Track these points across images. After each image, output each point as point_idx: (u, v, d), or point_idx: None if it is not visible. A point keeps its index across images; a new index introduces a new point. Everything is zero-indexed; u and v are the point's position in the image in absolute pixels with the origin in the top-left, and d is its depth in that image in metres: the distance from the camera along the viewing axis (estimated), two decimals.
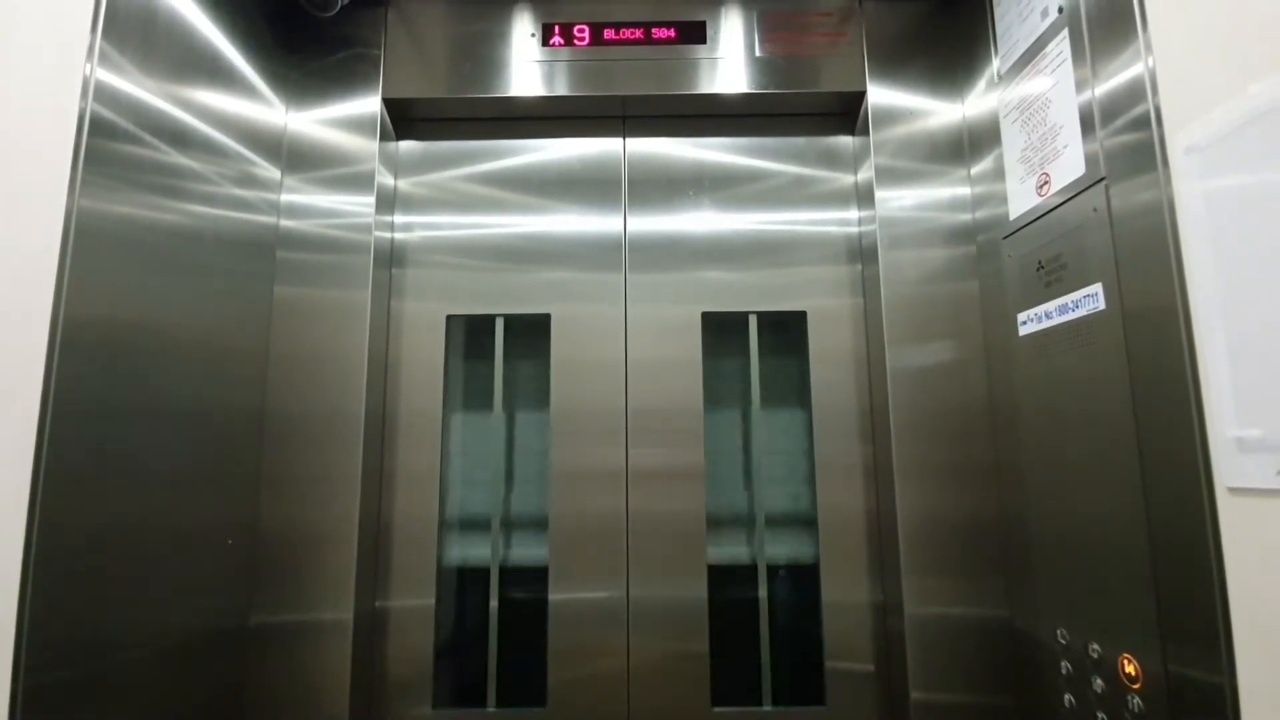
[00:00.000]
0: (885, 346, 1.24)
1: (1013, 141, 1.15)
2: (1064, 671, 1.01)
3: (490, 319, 1.39)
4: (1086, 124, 0.97)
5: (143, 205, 0.94)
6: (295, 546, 1.19)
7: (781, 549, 1.36)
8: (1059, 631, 1.02)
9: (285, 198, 1.30)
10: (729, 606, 1.32)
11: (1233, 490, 0.72)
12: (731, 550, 1.35)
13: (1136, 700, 0.86)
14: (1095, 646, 0.94)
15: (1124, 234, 0.89)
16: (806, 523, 1.35)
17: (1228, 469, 0.73)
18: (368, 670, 1.25)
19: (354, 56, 1.35)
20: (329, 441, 1.22)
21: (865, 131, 1.33)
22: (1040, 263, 1.06)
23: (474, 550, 1.36)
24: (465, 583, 1.35)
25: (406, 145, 1.44)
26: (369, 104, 1.33)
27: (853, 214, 1.40)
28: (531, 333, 1.39)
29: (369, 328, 1.26)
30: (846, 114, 1.41)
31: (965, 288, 1.25)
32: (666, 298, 1.37)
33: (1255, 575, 0.70)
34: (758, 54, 1.36)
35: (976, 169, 1.27)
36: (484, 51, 1.37)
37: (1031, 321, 1.09)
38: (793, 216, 1.41)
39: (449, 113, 1.42)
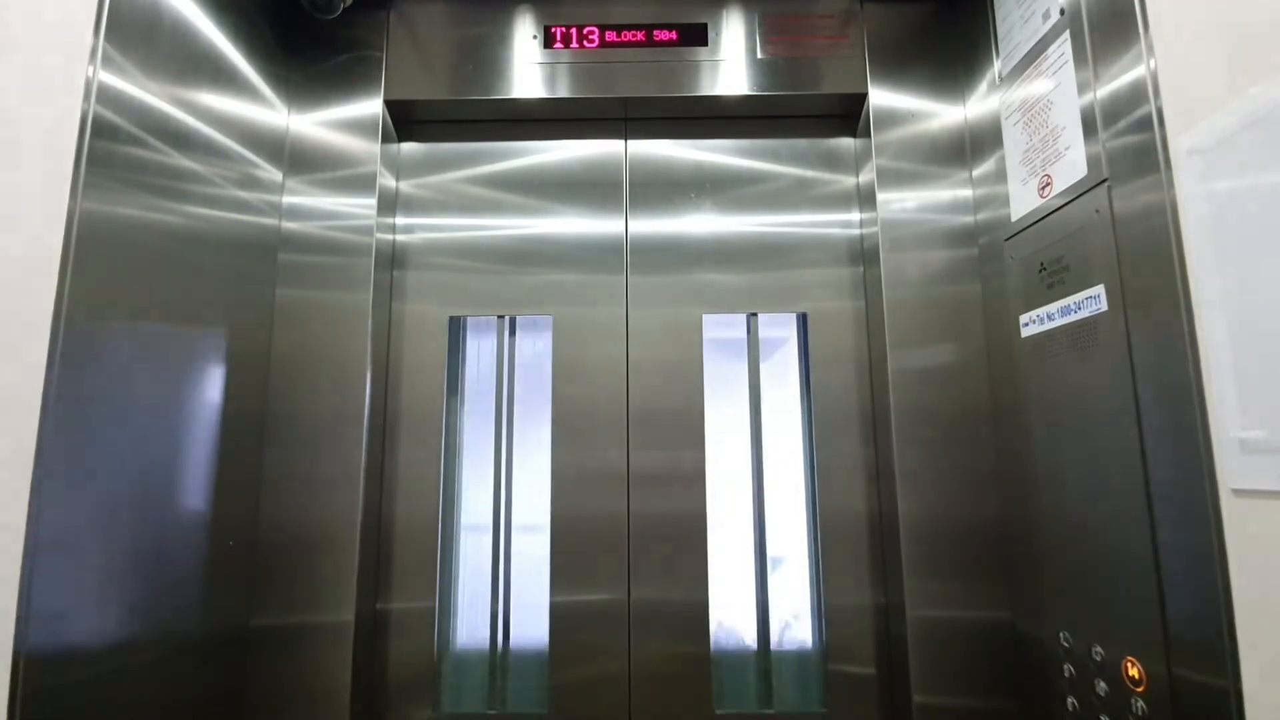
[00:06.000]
0: (887, 348, 1.23)
1: (1014, 143, 1.15)
2: (1067, 674, 1.00)
3: (492, 321, 1.39)
4: (1088, 126, 0.97)
5: (145, 207, 0.94)
6: (296, 548, 1.19)
7: (783, 552, 1.35)
8: (1062, 634, 1.02)
9: (287, 200, 1.30)
10: (731, 609, 1.32)
11: (1237, 492, 0.72)
12: (733, 552, 1.35)
13: (1140, 703, 0.86)
14: (1098, 649, 0.94)
15: (1126, 235, 0.89)
16: (808, 525, 1.35)
17: (1232, 470, 0.72)
18: (368, 673, 1.24)
19: (356, 59, 1.35)
20: (331, 443, 1.22)
21: (867, 133, 1.33)
22: (1042, 264, 1.06)
23: (475, 552, 1.35)
24: (466, 585, 1.35)
25: (408, 147, 1.44)
26: (371, 106, 1.33)
27: (854, 216, 1.40)
28: (533, 334, 1.39)
29: (371, 329, 1.26)
30: (848, 116, 1.42)
31: (967, 290, 1.25)
32: (668, 299, 1.37)
33: (1259, 577, 0.70)
34: (759, 56, 1.36)
35: (978, 171, 1.27)
36: (486, 54, 1.37)
37: (1034, 323, 1.08)
38: (794, 218, 1.41)
39: (451, 115, 1.42)
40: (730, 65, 1.36)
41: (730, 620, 1.32)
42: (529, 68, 1.37)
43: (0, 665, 0.73)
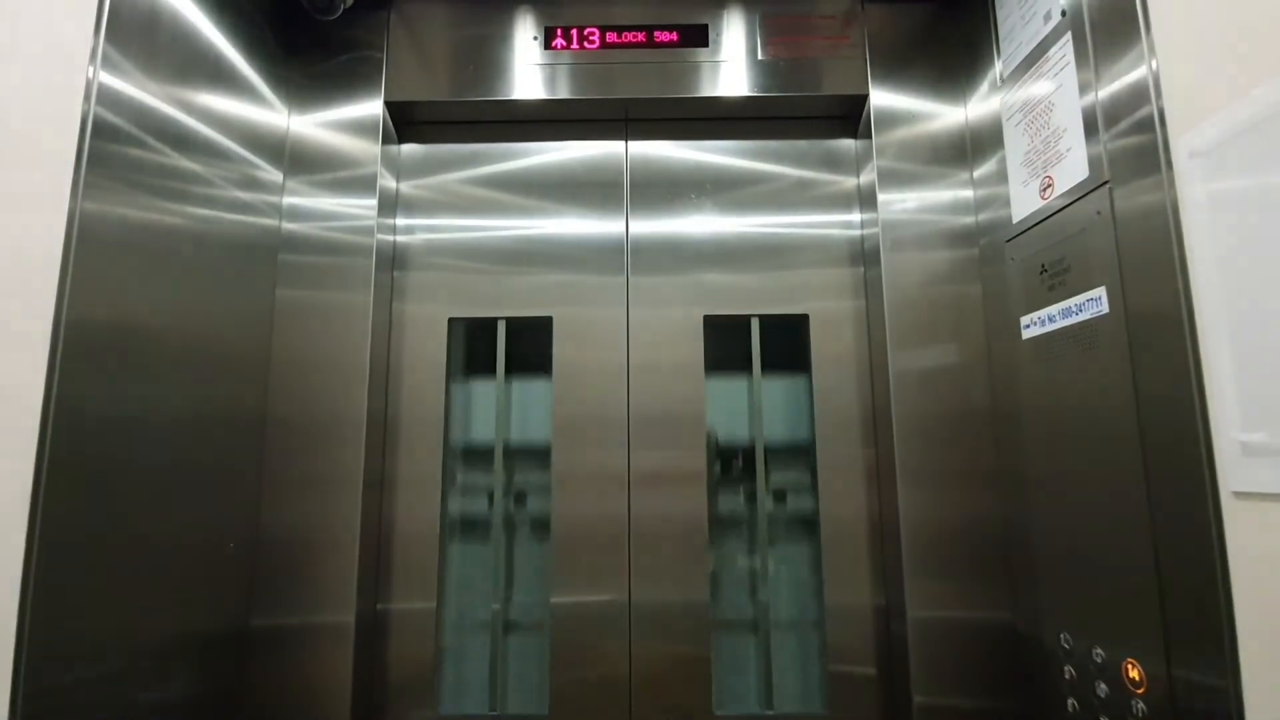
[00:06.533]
0: (888, 349, 1.23)
1: (1015, 144, 1.15)
2: (1067, 676, 1.00)
3: (492, 322, 1.39)
4: (1090, 127, 0.96)
5: (145, 208, 0.94)
6: (297, 550, 1.19)
7: (784, 552, 1.35)
8: (1062, 635, 1.02)
9: (287, 200, 1.30)
10: (731, 610, 1.32)
11: (1238, 494, 0.72)
12: (733, 553, 1.35)
13: (1140, 705, 0.86)
14: (1099, 651, 0.94)
15: (1128, 237, 0.89)
16: (809, 526, 1.35)
17: (1233, 473, 0.72)
18: (369, 674, 1.24)
19: (356, 59, 1.35)
20: (331, 444, 1.22)
21: (867, 134, 1.33)
22: (1043, 266, 1.06)
23: (476, 553, 1.35)
24: (467, 586, 1.35)
25: (409, 148, 1.44)
26: (371, 107, 1.33)
27: (855, 217, 1.40)
28: (533, 335, 1.39)
29: (371, 331, 1.26)
30: (849, 117, 1.41)
31: (968, 291, 1.25)
32: (668, 300, 1.37)
33: (1260, 579, 0.70)
34: (760, 57, 1.36)
35: (979, 172, 1.27)
36: (486, 54, 1.37)
37: (1035, 325, 1.08)
38: (795, 219, 1.41)
39: (451, 116, 1.42)
40: (731, 66, 1.36)
41: (731, 621, 1.32)
42: (529, 69, 1.36)
43: (1, 664, 0.73)
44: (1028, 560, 1.11)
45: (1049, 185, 1.05)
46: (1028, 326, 1.10)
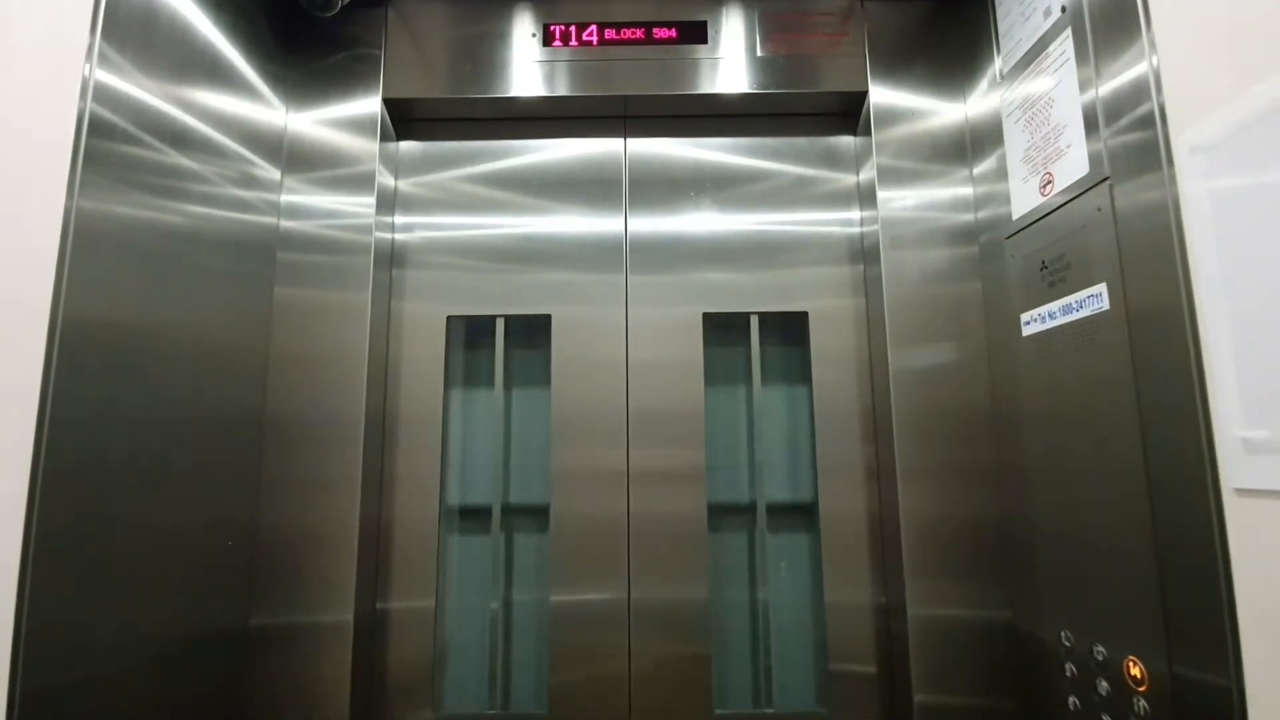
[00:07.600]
0: (887, 347, 1.23)
1: (1015, 141, 1.15)
2: (1068, 674, 1.00)
3: (491, 320, 1.39)
4: (1090, 123, 0.96)
5: (142, 206, 0.94)
6: (295, 548, 1.19)
7: (783, 550, 1.35)
8: (1063, 633, 1.02)
9: (285, 198, 1.29)
10: (730, 608, 1.32)
11: (1239, 491, 0.72)
12: (733, 551, 1.35)
13: (1142, 703, 0.86)
14: (1100, 649, 0.94)
15: (1128, 233, 0.88)
16: (809, 524, 1.35)
17: (1234, 470, 0.72)
18: (368, 673, 1.24)
19: (354, 57, 1.34)
20: (329, 443, 1.21)
21: (867, 131, 1.33)
22: (1044, 263, 1.06)
23: (474, 552, 1.35)
24: (466, 585, 1.34)
25: (407, 146, 1.44)
26: (369, 104, 1.33)
27: (854, 214, 1.40)
28: (532, 334, 1.39)
29: (369, 329, 1.25)
30: (848, 114, 1.41)
31: (968, 288, 1.25)
32: (668, 298, 1.37)
33: (1262, 577, 0.70)
34: (759, 54, 1.36)
35: (979, 169, 1.27)
36: (484, 52, 1.36)
37: (1035, 322, 1.08)
38: (794, 217, 1.40)
39: (449, 113, 1.42)
40: (730, 63, 1.36)
41: (731, 618, 1.31)
42: (528, 66, 1.36)
43: (0, 665, 0.73)
44: (1028, 558, 1.11)
45: (1049, 182, 1.05)
46: (1028, 323, 1.10)
